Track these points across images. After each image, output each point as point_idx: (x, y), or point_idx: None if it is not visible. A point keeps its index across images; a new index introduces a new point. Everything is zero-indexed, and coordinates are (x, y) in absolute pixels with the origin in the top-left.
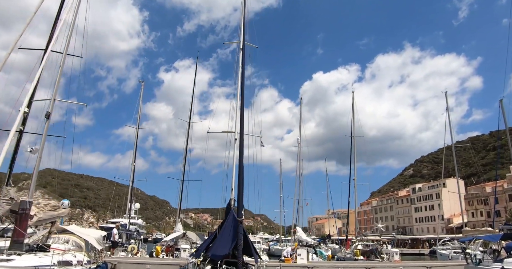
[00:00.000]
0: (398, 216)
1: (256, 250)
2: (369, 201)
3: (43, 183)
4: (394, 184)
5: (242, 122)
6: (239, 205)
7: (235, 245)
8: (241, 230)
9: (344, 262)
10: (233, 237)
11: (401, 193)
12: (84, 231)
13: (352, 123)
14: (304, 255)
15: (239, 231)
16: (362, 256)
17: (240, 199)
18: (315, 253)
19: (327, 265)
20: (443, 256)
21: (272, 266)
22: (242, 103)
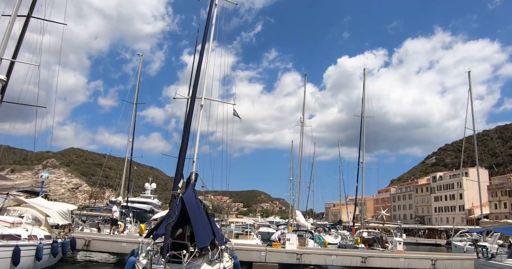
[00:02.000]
0: (417, 204)
1: (217, 231)
2: (388, 189)
3: (66, 162)
4: (415, 172)
5: (196, 85)
6: (176, 175)
7: (175, 224)
8: (174, 206)
9: (337, 250)
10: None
11: (421, 181)
12: (47, 204)
13: (362, 102)
14: (294, 240)
15: (171, 206)
16: (364, 245)
17: (179, 167)
18: (313, 239)
19: (318, 252)
20: (457, 248)
21: (257, 250)
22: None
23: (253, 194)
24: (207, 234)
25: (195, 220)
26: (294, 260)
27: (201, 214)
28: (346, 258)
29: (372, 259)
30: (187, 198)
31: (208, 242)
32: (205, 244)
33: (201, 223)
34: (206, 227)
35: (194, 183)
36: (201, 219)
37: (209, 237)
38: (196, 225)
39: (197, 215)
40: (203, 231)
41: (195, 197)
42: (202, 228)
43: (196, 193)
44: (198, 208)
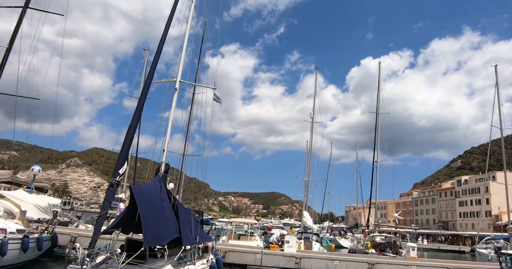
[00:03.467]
0: (441, 209)
1: (188, 229)
2: (410, 192)
3: (89, 161)
4: (440, 175)
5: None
6: (118, 159)
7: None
8: (109, 195)
9: (341, 255)
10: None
11: (445, 185)
12: (25, 197)
13: (377, 98)
14: (293, 242)
15: (106, 196)
16: (374, 250)
17: (123, 150)
18: (320, 242)
19: (320, 256)
20: (482, 256)
21: (252, 252)
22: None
23: (273, 196)
24: (165, 231)
25: (146, 214)
26: (293, 265)
27: (161, 207)
28: (351, 264)
29: (380, 266)
30: (138, 189)
31: (165, 240)
32: (158, 243)
33: (157, 219)
34: (166, 224)
35: (165, 175)
36: (159, 214)
37: (169, 235)
38: (147, 220)
39: (151, 209)
40: (158, 227)
41: (160, 189)
42: (159, 224)
43: (163, 184)
44: (161, 201)
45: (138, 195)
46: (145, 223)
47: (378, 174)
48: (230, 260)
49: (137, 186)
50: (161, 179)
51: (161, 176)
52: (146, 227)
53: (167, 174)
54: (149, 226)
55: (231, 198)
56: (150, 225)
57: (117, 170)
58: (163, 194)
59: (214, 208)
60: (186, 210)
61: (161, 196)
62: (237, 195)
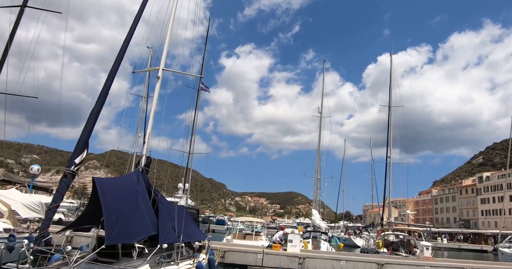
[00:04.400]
0: (461, 207)
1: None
2: (429, 190)
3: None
4: (460, 172)
5: None
6: (76, 147)
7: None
8: (62, 187)
9: (348, 254)
10: None
11: (465, 182)
12: (15, 195)
13: (389, 91)
14: (296, 242)
15: (58, 187)
16: (386, 249)
17: (81, 136)
18: (329, 241)
19: (325, 256)
20: (504, 256)
21: (253, 252)
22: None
23: (290, 195)
24: (137, 228)
25: (112, 209)
26: (296, 265)
27: (136, 203)
28: (359, 264)
29: (390, 266)
30: (103, 182)
31: (135, 238)
32: (124, 240)
33: (127, 214)
34: (139, 220)
35: (146, 169)
36: (130, 210)
37: (141, 233)
38: (112, 216)
39: (118, 203)
40: (126, 224)
41: (137, 183)
42: (128, 220)
43: (142, 178)
44: (136, 195)
45: (102, 188)
46: (109, 219)
47: (391, 170)
48: (230, 260)
49: (103, 178)
50: (140, 173)
51: (140, 169)
52: (110, 223)
53: (149, 167)
54: (114, 222)
55: (248, 198)
56: (115, 221)
57: (73, 159)
58: (141, 189)
59: (231, 208)
60: (170, 207)
61: (137, 191)
62: (254, 195)
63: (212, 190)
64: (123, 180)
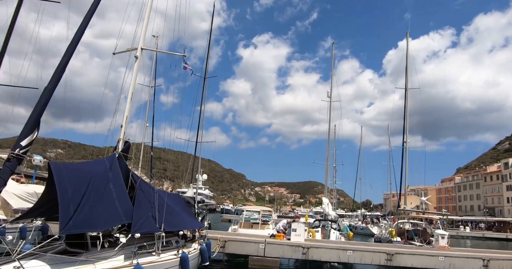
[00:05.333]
0: (486, 194)
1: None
2: (452, 178)
3: None
4: (485, 159)
5: None
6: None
7: None
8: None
9: (355, 244)
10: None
11: (490, 169)
12: (8, 185)
13: (406, 72)
14: (300, 231)
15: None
16: (400, 238)
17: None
18: (339, 230)
19: (330, 246)
20: None
21: (254, 242)
22: None
23: (310, 185)
24: (103, 216)
25: (70, 196)
26: (300, 255)
27: (104, 190)
28: (366, 254)
29: (400, 256)
30: (61, 167)
31: (99, 227)
32: (84, 230)
33: (90, 202)
34: (108, 208)
35: (125, 155)
36: (95, 197)
37: (109, 221)
38: (71, 203)
39: (79, 190)
40: (88, 212)
41: (109, 169)
42: (91, 208)
43: (116, 164)
44: (106, 182)
45: (59, 173)
46: (65, 207)
47: (408, 156)
48: (231, 250)
49: (62, 163)
50: (115, 158)
51: (117, 155)
52: (66, 211)
53: (128, 153)
54: (71, 210)
55: (268, 188)
56: (73, 209)
57: (19, 141)
58: (114, 175)
59: (251, 198)
60: (151, 194)
61: (108, 177)
62: (273, 185)
63: (232, 181)
64: (90, 166)
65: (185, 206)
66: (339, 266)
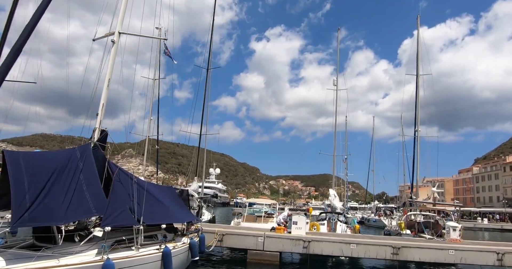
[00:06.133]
0: (505, 185)
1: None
2: (470, 168)
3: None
4: (504, 149)
5: None
6: None
7: None
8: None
9: (360, 237)
10: None
11: (509, 159)
12: None
13: (417, 58)
14: (301, 223)
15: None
16: (410, 230)
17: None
18: (346, 222)
19: (332, 239)
20: None
21: (253, 235)
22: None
23: (324, 177)
24: (69, 209)
25: (22, 186)
26: (300, 249)
27: (70, 180)
28: (371, 248)
29: (407, 250)
30: (17, 155)
31: (63, 220)
32: (40, 223)
33: (52, 193)
34: (75, 200)
35: (101, 144)
36: (58, 188)
37: (77, 214)
38: (25, 194)
39: (37, 180)
40: (48, 203)
41: (80, 158)
42: (52, 200)
43: (89, 153)
44: (75, 172)
45: (14, 162)
46: (19, 198)
47: (419, 145)
48: (229, 244)
49: (20, 151)
50: (89, 148)
51: (92, 144)
52: (21, 203)
53: (105, 143)
54: (27, 202)
55: (283, 181)
56: (29, 201)
57: None
58: (86, 165)
59: (265, 192)
60: (130, 185)
61: (78, 167)
62: (288, 178)
63: (246, 174)
64: (57, 155)
65: (176, 198)
66: (345, 260)
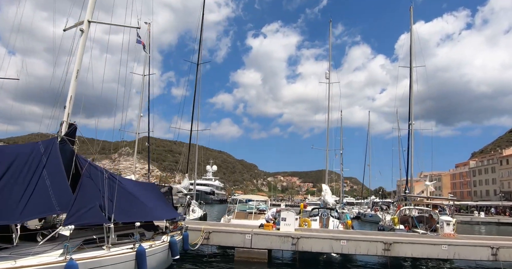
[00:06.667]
0: (502, 179)
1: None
2: (467, 162)
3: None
4: (501, 142)
5: None
6: None
7: None
8: None
9: (351, 233)
10: None
11: (506, 152)
12: None
13: (410, 49)
14: (290, 220)
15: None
16: (403, 226)
17: None
18: (338, 218)
19: (322, 235)
20: None
21: (240, 233)
22: None
23: (322, 173)
24: (24, 206)
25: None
26: (289, 246)
27: (31, 177)
28: (362, 244)
29: (398, 245)
30: None
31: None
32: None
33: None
34: (32, 196)
35: (69, 138)
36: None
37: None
38: None
39: None
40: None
41: (42, 153)
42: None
43: (56, 148)
44: (36, 168)
45: None
46: None
47: (414, 139)
48: (215, 242)
49: None
50: (55, 142)
51: (59, 139)
52: None
53: (74, 137)
54: None
55: (281, 177)
56: None
57: None
58: (51, 160)
59: (263, 188)
60: (100, 181)
61: (40, 162)
62: (286, 174)
63: (244, 171)
64: (13, 150)
65: (158, 195)
66: (336, 257)
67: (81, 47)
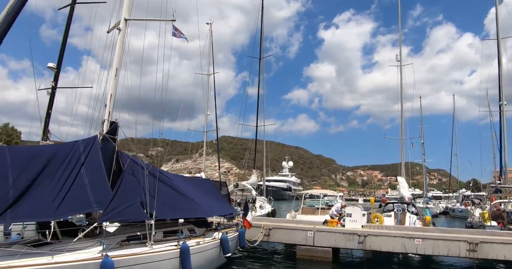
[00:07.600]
0: None
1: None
2: None
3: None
4: None
5: None
6: None
7: None
8: None
9: (428, 231)
10: None
11: None
12: None
13: (496, 18)
14: (357, 216)
15: None
16: (497, 222)
17: None
18: (417, 214)
19: (392, 233)
20: None
21: (302, 230)
22: None
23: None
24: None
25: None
26: (355, 244)
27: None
28: (440, 243)
29: (487, 246)
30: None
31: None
32: (29, 219)
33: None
34: (69, 194)
35: (111, 137)
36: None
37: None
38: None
39: (26, 175)
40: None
41: (81, 152)
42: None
43: (96, 146)
44: (74, 166)
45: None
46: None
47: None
48: (276, 239)
49: (4, 146)
50: (96, 140)
51: (101, 137)
52: (3, 199)
53: (115, 135)
54: (12, 197)
55: (361, 171)
56: (14, 197)
57: None
58: (90, 158)
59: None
60: (141, 178)
61: (79, 161)
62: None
63: (322, 166)
64: (50, 149)
65: (212, 191)
66: (413, 258)
67: (120, 45)
